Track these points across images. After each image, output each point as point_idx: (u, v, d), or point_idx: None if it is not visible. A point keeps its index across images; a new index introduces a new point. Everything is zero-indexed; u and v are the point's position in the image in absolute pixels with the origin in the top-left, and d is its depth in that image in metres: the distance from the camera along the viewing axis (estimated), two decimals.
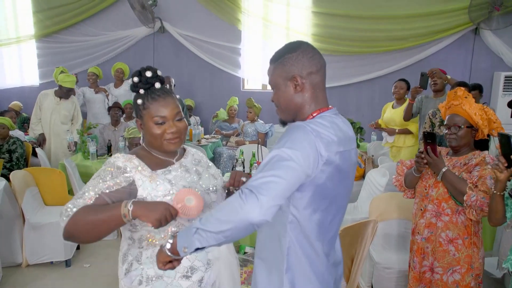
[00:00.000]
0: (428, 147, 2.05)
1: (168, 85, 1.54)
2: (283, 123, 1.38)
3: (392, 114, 4.31)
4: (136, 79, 1.44)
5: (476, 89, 4.48)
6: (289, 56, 1.28)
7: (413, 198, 2.30)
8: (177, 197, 1.32)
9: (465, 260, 2.03)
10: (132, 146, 3.18)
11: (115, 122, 5.10)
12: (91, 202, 1.32)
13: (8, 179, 3.41)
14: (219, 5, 6.34)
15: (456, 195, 1.98)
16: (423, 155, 2.07)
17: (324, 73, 1.33)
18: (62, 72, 5.24)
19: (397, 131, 4.23)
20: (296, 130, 1.19)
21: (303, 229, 1.25)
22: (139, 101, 1.44)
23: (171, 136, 1.44)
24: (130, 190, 1.38)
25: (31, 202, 3.54)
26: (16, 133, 5.10)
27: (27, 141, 5.00)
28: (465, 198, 1.92)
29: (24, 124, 6.31)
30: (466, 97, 2.10)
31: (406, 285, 2.34)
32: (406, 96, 4.29)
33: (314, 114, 1.28)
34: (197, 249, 1.12)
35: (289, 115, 1.34)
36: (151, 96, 1.43)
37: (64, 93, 4.87)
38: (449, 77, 3.87)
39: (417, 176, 2.18)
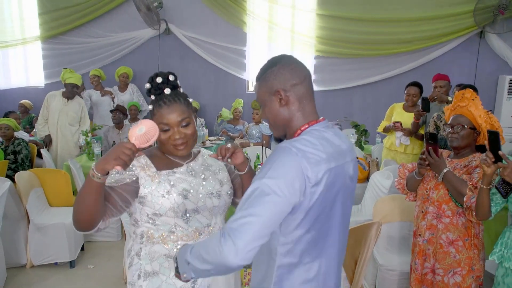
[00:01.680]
0: (430, 147, 2.06)
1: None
2: (278, 140, 1.33)
3: (405, 118, 4.11)
4: (148, 85, 1.48)
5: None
6: (270, 71, 1.26)
7: (415, 200, 2.30)
8: (130, 132, 1.35)
9: (466, 262, 2.04)
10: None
11: (118, 125, 5.11)
12: None
13: (13, 180, 3.43)
14: (225, 7, 6.36)
15: (457, 196, 2.00)
16: (424, 156, 2.07)
17: (309, 84, 1.28)
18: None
19: (414, 133, 4.04)
20: (281, 153, 1.14)
21: (295, 248, 1.20)
22: (150, 107, 1.48)
23: (176, 142, 1.45)
24: (135, 188, 1.42)
25: (36, 203, 3.55)
26: (21, 134, 5.12)
27: (36, 140, 5.04)
28: (465, 199, 1.93)
29: (29, 124, 6.35)
30: (473, 99, 2.11)
31: (408, 287, 2.34)
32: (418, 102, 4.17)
33: (303, 128, 1.23)
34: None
35: (279, 131, 1.30)
36: (158, 103, 1.45)
37: (69, 91, 4.86)
38: (450, 99, 3.77)
39: (419, 179, 2.19)
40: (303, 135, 1.20)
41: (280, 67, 1.25)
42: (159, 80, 1.46)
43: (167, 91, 1.46)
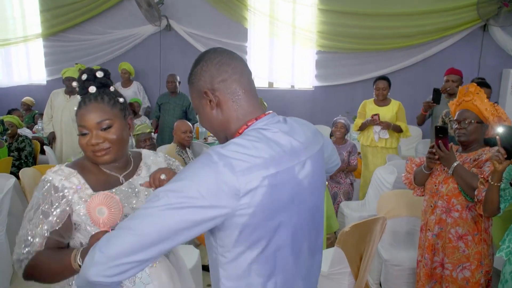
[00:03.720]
0: (439, 141, 2.04)
1: (178, 83, 1.44)
2: None
3: (381, 112, 4.10)
4: (75, 83, 1.30)
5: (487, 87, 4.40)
6: (194, 71, 1.08)
7: (423, 195, 2.29)
8: (88, 206, 1.16)
9: (475, 257, 2.02)
10: (139, 143, 3.16)
11: None
12: (42, 248, 1.20)
13: (17, 177, 3.43)
14: (225, 3, 6.34)
15: (467, 190, 1.98)
16: (434, 150, 2.05)
17: (245, 76, 1.09)
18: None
19: (392, 125, 4.07)
20: (198, 160, 0.96)
21: (239, 268, 1.02)
22: (75, 108, 1.30)
23: (94, 148, 1.26)
24: (70, 219, 1.25)
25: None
26: (24, 131, 5.14)
27: (38, 136, 5.06)
28: (476, 192, 1.91)
29: (32, 121, 6.36)
30: (477, 93, 2.09)
31: (415, 283, 2.34)
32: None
33: (241, 131, 1.05)
34: None
35: (221, 139, 1.12)
36: (79, 103, 1.28)
37: (67, 85, 4.85)
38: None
39: (427, 173, 2.17)
40: (236, 139, 1.01)
41: (204, 64, 1.07)
42: (84, 77, 1.27)
43: (91, 89, 1.27)
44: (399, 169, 3.23)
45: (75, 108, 1.30)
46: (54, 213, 1.21)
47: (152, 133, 3.32)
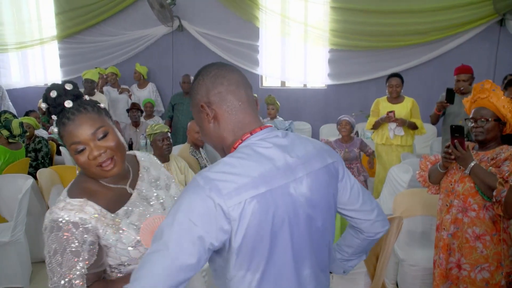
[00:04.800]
0: (455, 141, 2.00)
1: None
2: None
3: (395, 110, 4.03)
4: (43, 105, 1.17)
5: None
6: (193, 86, 1.09)
7: (437, 194, 2.25)
8: (143, 236, 1.16)
9: (494, 258, 1.97)
10: (157, 142, 3.16)
11: (135, 123, 5.16)
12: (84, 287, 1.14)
13: (34, 177, 3.49)
14: (237, 2, 6.34)
15: (485, 190, 1.93)
16: (450, 150, 2.01)
17: (241, 88, 1.07)
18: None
19: (407, 122, 4.00)
20: (188, 190, 0.96)
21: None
22: (55, 130, 1.18)
23: (99, 161, 1.17)
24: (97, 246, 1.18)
25: (57, 199, 3.61)
26: (41, 132, 5.22)
27: (54, 137, 5.13)
28: (494, 193, 1.86)
29: (47, 122, 6.46)
30: (493, 90, 2.04)
31: (432, 283, 2.31)
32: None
33: (236, 146, 1.04)
34: None
35: (220, 151, 1.12)
36: (62, 121, 1.16)
37: (87, 87, 4.95)
38: None
39: (443, 172, 2.14)
40: (225, 158, 1.00)
41: (200, 78, 1.07)
42: (53, 94, 1.15)
43: (68, 104, 1.16)
44: (414, 167, 3.20)
45: (55, 130, 1.18)
46: (84, 248, 1.12)
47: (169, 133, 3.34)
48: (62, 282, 1.09)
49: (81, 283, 1.11)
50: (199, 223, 0.91)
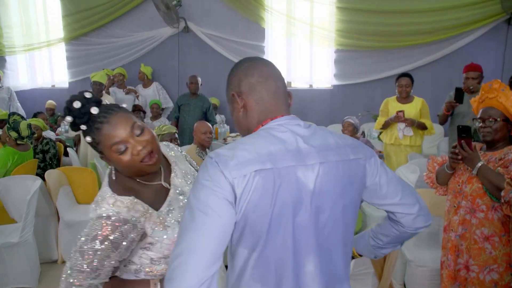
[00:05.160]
0: (462, 141, 1.98)
1: (200, 84, 1.45)
2: None
3: (404, 110, 4.02)
4: (69, 118, 1.18)
5: None
6: (228, 76, 1.15)
7: (445, 195, 2.23)
8: None
9: (503, 259, 1.95)
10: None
11: None
12: (107, 279, 1.17)
13: (42, 178, 3.52)
14: (243, 3, 6.35)
15: (493, 191, 1.91)
16: (457, 150, 2.00)
17: (271, 79, 1.10)
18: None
19: (416, 122, 3.98)
20: (202, 166, 1.00)
21: (236, 267, 1.03)
22: (88, 139, 1.20)
23: (142, 155, 1.19)
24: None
25: (65, 200, 3.64)
26: (48, 133, 5.26)
27: (61, 138, 5.18)
28: (502, 193, 1.83)
29: (54, 123, 6.51)
30: (502, 90, 2.02)
31: (439, 283, 2.29)
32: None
33: (256, 130, 1.09)
34: None
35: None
36: (95, 127, 1.18)
37: (94, 90, 4.97)
38: None
39: (450, 172, 2.12)
40: (240, 138, 1.05)
41: (234, 70, 1.14)
42: (77, 104, 1.16)
43: (94, 110, 1.18)
44: (422, 168, 3.18)
45: (88, 139, 1.20)
46: (125, 243, 1.14)
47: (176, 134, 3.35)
48: (86, 266, 1.11)
49: (107, 275, 1.14)
50: (215, 181, 0.94)
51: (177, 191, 1.31)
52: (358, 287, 2.34)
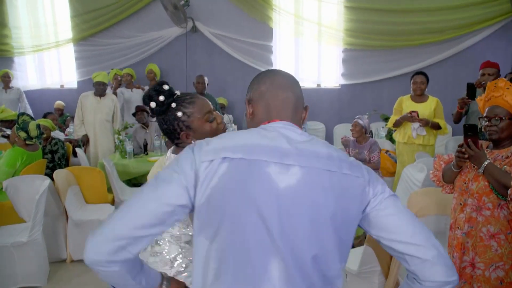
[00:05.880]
0: (469, 140, 1.98)
1: (207, 84, 1.67)
2: None
3: (418, 109, 4.00)
4: (161, 97, 1.42)
5: None
6: (248, 86, 1.20)
7: (451, 193, 2.23)
8: None
9: (509, 256, 1.95)
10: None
11: (144, 124, 5.20)
12: None
13: (51, 178, 3.55)
14: (250, 3, 6.37)
15: (499, 189, 1.90)
16: (463, 149, 2.00)
17: (281, 91, 1.10)
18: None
19: (430, 122, 3.96)
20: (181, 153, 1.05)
21: (210, 266, 0.98)
22: (179, 114, 1.42)
23: (223, 125, 1.51)
24: None
25: (74, 200, 3.68)
26: (57, 134, 5.31)
27: (70, 138, 5.23)
28: (509, 191, 1.83)
29: (63, 123, 6.57)
30: (508, 88, 2.01)
31: None
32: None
33: None
34: None
35: None
36: (186, 102, 1.45)
37: (97, 89, 5.02)
38: None
39: (456, 171, 2.12)
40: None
41: (254, 78, 1.18)
42: (166, 87, 1.44)
43: (178, 92, 1.49)
44: (429, 166, 3.16)
45: (180, 114, 1.42)
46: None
47: None
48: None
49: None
50: (179, 169, 0.98)
51: None
52: (365, 285, 2.34)
